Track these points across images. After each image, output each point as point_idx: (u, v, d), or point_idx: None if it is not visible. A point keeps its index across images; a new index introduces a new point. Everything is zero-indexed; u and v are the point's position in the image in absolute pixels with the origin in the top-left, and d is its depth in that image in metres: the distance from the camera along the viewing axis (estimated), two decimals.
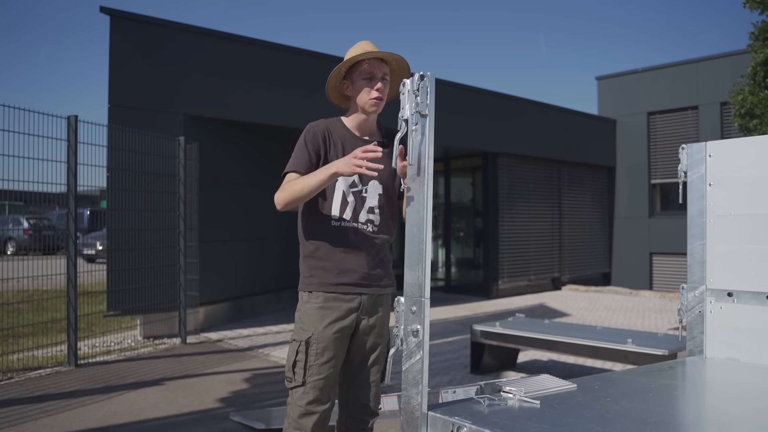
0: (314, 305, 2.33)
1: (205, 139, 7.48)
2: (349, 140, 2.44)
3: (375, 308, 2.41)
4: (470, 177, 12.52)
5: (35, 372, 5.51)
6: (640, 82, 13.89)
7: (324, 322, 2.30)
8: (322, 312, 2.32)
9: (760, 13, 8.46)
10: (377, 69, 2.42)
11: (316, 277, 2.35)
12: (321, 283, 2.34)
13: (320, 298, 2.34)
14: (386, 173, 2.45)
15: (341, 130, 2.46)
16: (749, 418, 1.78)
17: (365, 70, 2.41)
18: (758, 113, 8.27)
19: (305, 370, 2.27)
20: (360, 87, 2.43)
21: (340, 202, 2.38)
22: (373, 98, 2.41)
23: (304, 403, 2.26)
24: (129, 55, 7.09)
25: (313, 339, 2.28)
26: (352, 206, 2.39)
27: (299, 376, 2.28)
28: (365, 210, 2.41)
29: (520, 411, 1.72)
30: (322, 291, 2.34)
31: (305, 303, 2.36)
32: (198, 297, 7.30)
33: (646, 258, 13.60)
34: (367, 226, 2.41)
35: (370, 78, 2.41)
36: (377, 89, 2.40)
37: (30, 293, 6.73)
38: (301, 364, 2.28)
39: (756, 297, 2.39)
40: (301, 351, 2.28)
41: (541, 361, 6.19)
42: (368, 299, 2.38)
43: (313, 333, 2.29)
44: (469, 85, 11.01)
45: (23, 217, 8.72)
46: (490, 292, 11.41)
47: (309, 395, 2.27)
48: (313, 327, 2.30)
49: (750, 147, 2.45)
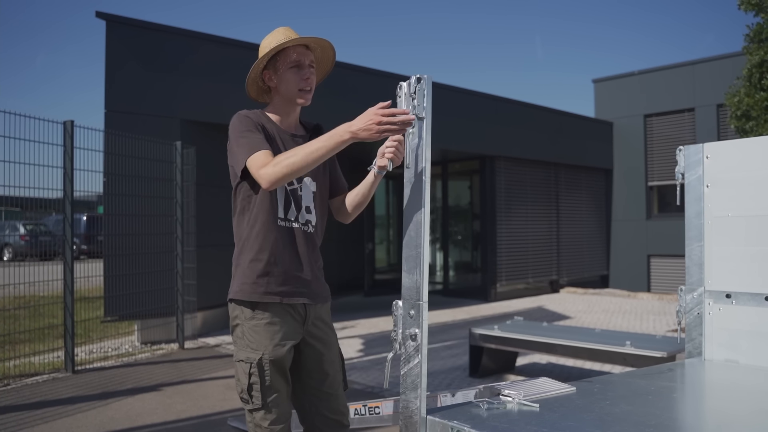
0: (261, 321, 2.12)
1: (202, 144, 7.47)
2: (278, 133, 2.23)
3: (319, 320, 2.26)
4: (468, 180, 12.53)
5: (32, 378, 5.49)
6: (636, 85, 13.91)
7: (275, 340, 2.11)
8: (271, 328, 2.12)
9: (755, 15, 8.49)
10: (304, 57, 2.22)
11: (261, 285, 2.13)
12: (267, 293, 2.13)
13: (267, 312, 2.13)
14: (318, 171, 2.27)
15: (268, 123, 2.24)
16: (749, 420, 1.78)
17: (292, 59, 2.20)
18: (754, 115, 8.29)
19: (262, 392, 2.10)
20: (287, 78, 2.22)
21: (284, 198, 2.18)
22: (303, 89, 2.21)
23: (267, 424, 2.11)
24: (125, 59, 7.09)
25: (265, 359, 2.09)
26: (293, 205, 2.19)
27: (257, 399, 2.10)
28: (303, 209, 2.22)
29: (520, 414, 1.71)
30: (269, 301, 2.13)
31: (250, 319, 2.13)
32: (195, 302, 7.28)
33: (644, 260, 13.60)
34: (308, 227, 2.23)
35: (297, 66, 2.21)
36: (306, 79, 2.21)
37: (27, 299, 6.71)
38: (258, 387, 2.09)
39: (754, 298, 2.38)
40: (254, 373, 2.09)
41: (540, 363, 6.18)
42: (312, 309, 2.22)
43: (263, 353, 2.10)
44: (466, 89, 11.02)
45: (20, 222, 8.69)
46: (489, 295, 11.41)
47: (272, 414, 2.12)
48: (263, 346, 2.10)
49: (747, 148, 2.45)
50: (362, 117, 1.86)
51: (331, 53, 2.31)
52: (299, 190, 2.22)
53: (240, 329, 2.16)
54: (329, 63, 2.37)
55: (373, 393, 5.05)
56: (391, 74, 9.41)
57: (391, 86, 1.99)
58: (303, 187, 2.23)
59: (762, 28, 8.36)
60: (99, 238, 7.20)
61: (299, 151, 1.97)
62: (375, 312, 9.62)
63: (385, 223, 13.36)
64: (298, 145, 2.15)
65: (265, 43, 2.27)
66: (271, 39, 2.25)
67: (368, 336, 7.73)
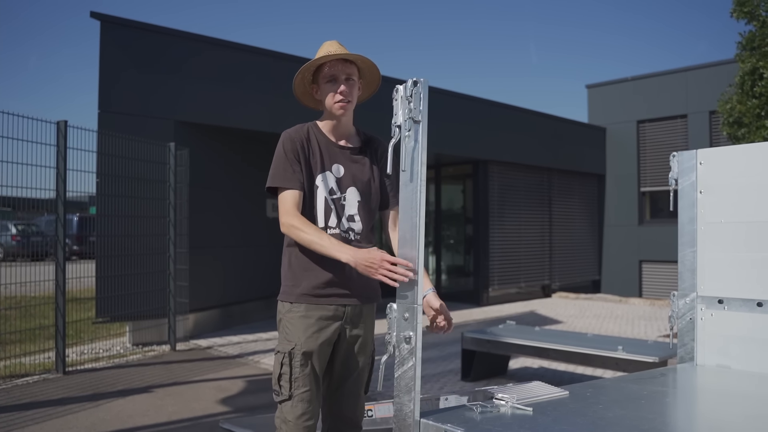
0: (297, 314, 2.25)
1: (196, 146, 7.45)
2: (325, 145, 2.36)
3: (359, 319, 2.34)
4: (461, 184, 12.54)
5: (22, 379, 5.45)
6: (629, 91, 13.98)
7: (308, 333, 2.23)
8: (306, 321, 2.24)
9: (747, 23, 8.55)
10: (339, 71, 2.33)
11: (300, 287, 2.27)
12: (303, 294, 2.26)
13: (302, 307, 2.26)
14: (364, 180, 2.39)
15: (317, 135, 2.37)
16: (741, 425, 1.79)
17: (327, 74, 2.34)
18: (746, 122, 8.34)
19: (291, 382, 2.20)
20: (325, 91, 2.35)
21: (323, 209, 2.31)
22: (338, 102, 2.32)
23: (293, 417, 2.19)
24: (119, 60, 7.07)
25: (296, 350, 2.21)
26: (334, 214, 2.32)
27: (285, 390, 2.20)
28: (345, 218, 2.34)
29: (513, 418, 1.71)
30: (305, 302, 2.26)
31: (287, 312, 2.28)
32: (188, 304, 7.25)
33: (636, 266, 13.66)
34: (349, 234, 2.34)
35: (332, 81, 2.34)
36: (341, 92, 2.32)
37: (18, 300, 6.67)
38: (287, 377, 2.20)
39: (746, 304, 2.40)
40: (285, 363, 2.21)
41: (532, 368, 6.19)
42: (352, 310, 2.31)
43: (296, 344, 2.22)
44: (460, 93, 11.04)
45: (11, 223, 8.64)
46: (481, 300, 11.42)
47: (298, 408, 2.19)
48: (297, 337, 2.22)
49: (740, 155, 2.47)
50: (369, 255, 2.02)
51: (370, 63, 2.40)
52: (342, 200, 2.33)
53: (282, 323, 2.30)
54: (375, 74, 2.47)
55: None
56: (387, 78, 9.41)
57: (387, 90, 2.00)
58: (346, 197, 2.34)
59: (754, 36, 8.42)
60: (91, 238, 7.17)
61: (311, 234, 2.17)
62: None
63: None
64: (344, 157, 2.37)
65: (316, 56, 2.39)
66: (318, 53, 2.38)
67: None
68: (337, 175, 2.35)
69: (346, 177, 2.36)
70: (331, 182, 2.33)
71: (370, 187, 2.41)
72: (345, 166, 2.37)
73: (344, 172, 2.36)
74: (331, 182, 2.33)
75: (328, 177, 2.34)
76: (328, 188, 2.32)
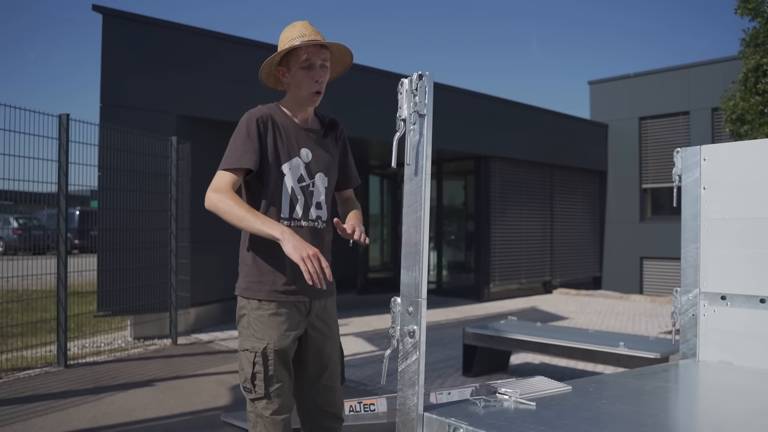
0: (267, 312, 2.18)
1: (198, 139, 7.45)
2: (293, 129, 2.25)
3: (324, 313, 2.30)
4: (462, 180, 12.54)
5: (24, 372, 5.46)
6: (632, 87, 13.95)
7: (280, 330, 2.17)
8: (277, 319, 2.17)
9: (751, 20, 8.53)
10: (316, 56, 2.20)
11: (268, 284, 2.19)
12: (274, 291, 2.18)
13: (273, 305, 2.18)
14: (330, 165, 2.31)
15: (282, 117, 2.26)
16: (744, 421, 1.79)
17: (303, 59, 2.20)
18: (749, 119, 8.33)
19: (266, 381, 2.15)
20: (298, 78, 2.22)
21: (290, 198, 2.21)
22: (315, 91, 2.22)
23: (269, 413, 2.16)
24: (122, 54, 7.06)
25: (269, 349, 2.15)
26: (302, 203, 2.22)
27: (260, 388, 2.15)
28: (314, 206, 2.25)
29: (516, 412, 1.71)
30: (275, 299, 2.18)
31: (256, 310, 2.19)
32: (189, 298, 7.26)
33: (637, 262, 13.66)
34: (317, 223, 2.25)
35: (308, 67, 2.20)
36: (317, 81, 2.20)
37: (19, 293, 6.67)
38: (261, 376, 2.14)
39: (749, 300, 2.40)
40: (258, 362, 2.14)
41: (533, 364, 6.20)
42: (318, 303, 2.27)
43: (269, 342, 2.15)
44: (462, 88, 11.03)
45: (12, 216, 8.64)
46: (482, 296, 11.42)
47: (274, 404, 2.16)
48: (269, 336, 2.16)
49: (745, 151, 2.46)
50: (300, 244, 1.97)
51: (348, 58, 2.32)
52: (311, 186, 2.24)
53: (246, 319, 2.21)
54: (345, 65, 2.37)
55: (366, 390, 5.05)
56: (393, 73, 9.39)
57: (392, 85, 2.00)
58: (315, 183, 2.25)
59: (758, 33, 8.41)
60: (92, 232, 7.17)
61: (239, 211, 2.08)
62: (368, 310, 9.62)
63: (379, 221, 13.36)
64: (312, 140, 2.27)
65: (283, 36, 2.27)
66: (288, 34, 2.25)
67: (362, 334, 7.73)
68: (305, 161, 2.25)
69: (314, 162, 2.27)
70: (301, 169, 2.22)
71: (334, 170, 2.34)
72: (313, 150, 2.27)
73: (312, 157, 2.26)
74: (301, 169, 2.22)
75: (297, 164, 2.23)
76: (296, 176, 2.22)
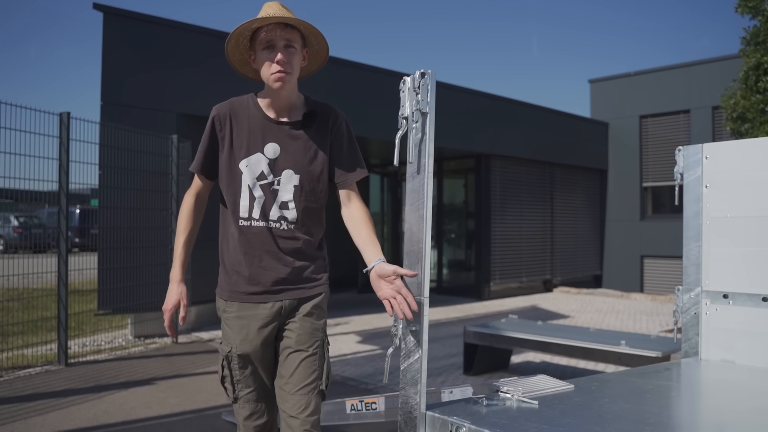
0: (231, 314, 2.13)
1: (198, 138, 7.39)
2: (259, 122, 2.09)
3: (299, 312, 2.14)
4: (463, 178, 12.53)
5: (24, 371, 5.46)
6: (632, 86, 13.94)
7: (242, 335, 2.10)
8: (239, 323, 2.12)
9: (752, 18, 8.52)
10: (277, 36, 2.00)
11: (229, 284, 2.15)
12: (235, 292, 2.13)
13: (235, 306, 2.13)
14: (304, 160, 2.10)
15: (251, 110, 2.11)
16: (746, 419, 1.78)
17: (263, 39, 2.01)
18: (750, 117, 8.32)
19: (233, 385, 2.14)
20: (261, 59, 2.04)
21: (248, 198, 2.08)
22: (275, 73, 2.01)
23: (242, 418, 2.16)
24: (122, 52, 7.05)
25: (233, 354, 2.11)
26: (261, 202, 2.08)
27: (230, 392, 2.15)
28: (276, 206, 2.09)
29: (519, 411, 1.71)
30: (237, 301, 2.13)
31: (223, 311, 2.17)
32: (189, 297, 7.24)
33: (637, 261, 13.65)
34: (281, 224, 2.10)
35: (269, 48, 2.01)
36: (278, 61, 1.99)
37: (20, 291, 6.67)
38: (229, 380, 2.14)
39: (751, 299, 2.39)
40: (225, 366, 2.13)
41: (534, 362, 6.19)
42: (290, 304, 2.12)
43: (232, 347, 2.11)
44: (463, 87, 11.01)
45: (13, 214, 8.65)
46: (482, 294, 11.42)
47: (245, 409, 2.15)
48: (232, 340, 2.12)
49: (746, 149, 2.46)
50: (167, 296, 2.20)
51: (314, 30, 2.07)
52: (275, 184, 2.09)
53: (222, 321, 2.22)
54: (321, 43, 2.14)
55: (367, 389, 5.05)
56: (394, 72, 9.38)
57: (394, 83, 1.99)
58: (281, 181, 2.09)
59: (759, 31, 8.40)
60: (92, 231, 7.17)
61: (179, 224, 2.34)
62: (368, 309, 9.62)
63: (379, 219, 13.35)
64: (282, 134, 2.10)
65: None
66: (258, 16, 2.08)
67: (362, 332, 7.73)
68: (271, 157, 2.09)
69: (282, 158, 2.09)
70: (262, 165, 2.08)
71: (313, 166, 2.12)
72: (282, 144, 2.10)
73: (280, 153, 2.09)
74: (262, 165, 2.08)
75: (257, 160, 2.09)
76: (255, 174, 2.08)
